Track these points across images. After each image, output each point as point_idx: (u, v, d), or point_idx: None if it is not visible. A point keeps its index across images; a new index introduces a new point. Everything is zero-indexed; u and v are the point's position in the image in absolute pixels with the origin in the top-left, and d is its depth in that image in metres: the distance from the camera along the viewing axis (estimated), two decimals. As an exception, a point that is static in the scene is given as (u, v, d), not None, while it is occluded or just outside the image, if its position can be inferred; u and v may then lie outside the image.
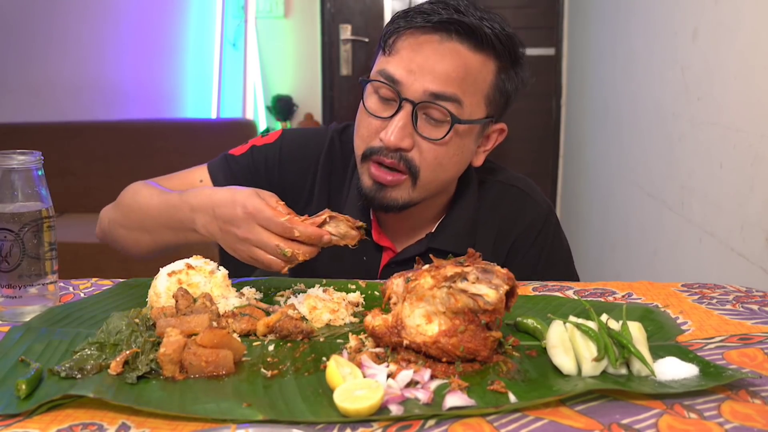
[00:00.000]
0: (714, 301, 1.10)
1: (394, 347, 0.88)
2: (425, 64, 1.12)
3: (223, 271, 1.07)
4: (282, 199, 1.26)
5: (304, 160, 1.33)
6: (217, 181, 1.31)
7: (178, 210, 1.15)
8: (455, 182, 1.28)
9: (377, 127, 1.16)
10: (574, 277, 1.34)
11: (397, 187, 1.17)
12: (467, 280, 0.84)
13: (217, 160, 1.35)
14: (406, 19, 1.15)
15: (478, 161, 1.26)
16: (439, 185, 1.22)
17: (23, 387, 0.76)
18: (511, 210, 1.31)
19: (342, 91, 4.46)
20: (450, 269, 0.85)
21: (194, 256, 1.09)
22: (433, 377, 0.82)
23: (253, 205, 1.02)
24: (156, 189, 1.25)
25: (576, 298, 1.12)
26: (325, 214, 1.04)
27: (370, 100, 1.17)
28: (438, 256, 1.19)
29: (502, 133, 1.26)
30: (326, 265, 1.29)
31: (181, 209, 1.14)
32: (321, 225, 1.03)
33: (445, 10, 1.13)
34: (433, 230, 1.29)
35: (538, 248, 1.31)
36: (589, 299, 1.11)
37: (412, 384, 0.80)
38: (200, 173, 1.33)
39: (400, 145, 1.13)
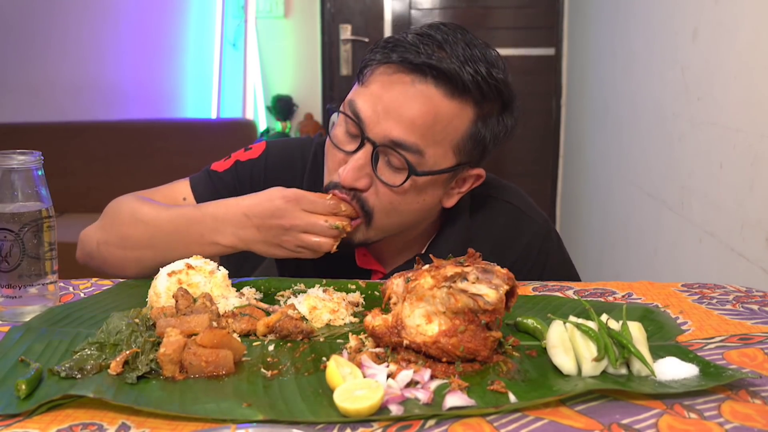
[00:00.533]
0: (714, 301, 1.10)
1: (394, 347, 0.88)
2: (391, 107, 1.06)
3: (223, 271, 1.07)
4: None
5: (289, 173, 1.28)
6: (200, 197, 1.25)
7: (197, 223, 1.12)
8: (429, 219, 1.22)
9: (339, 161, 1.12)
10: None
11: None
12: (467, 280, 0.84)
13: (200, 176, 1.30)
14: (384, 52, 1.08)
15: (450, 203, 1.18)
16: (398, 228, 1.17)
17: (23, 387, 0.76)
18: (506, 229, 1.26)
19: (342, 91, 4.46)
20: (450, 269, 0.85)
21: (194, 256, 1.09)
22: (433, 377, 0.82)
23: (293, 193, 1.05)
24: (156, 204, 1.20)
25: (576, 298, 1.12)
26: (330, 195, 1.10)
27: (337, 130, 1.13)
28: None
29: (479, 179, 1.18)
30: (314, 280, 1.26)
31: (203, 222, 1.11)
32: None
33: (426, 47, 1.05)
34: (423, 251, 1.24)
35: (539, 267, 1.27)
36: (589, 299, 1.11)
37: (412, 384, 0.80)
38: (182, 189, 1.28)
39: (354, 184, 1.09)
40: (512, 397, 0.76)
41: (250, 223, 1.08)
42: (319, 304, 1.02)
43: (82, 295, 1.14)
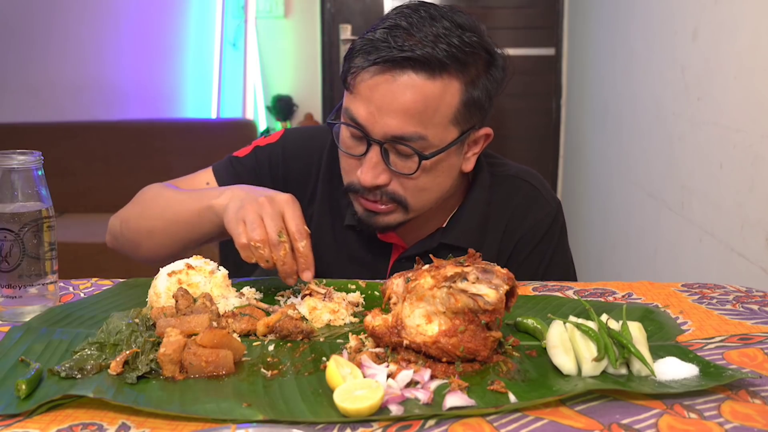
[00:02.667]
0: (714, 301, 1.10)
1: (394, 347, 0.88)
2: (382, 105, 1.10)
3: (223, 271, 1.07)
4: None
5: (307, 158, 1.33)
6: (222, 182, 1.31)
7: (205, 194, 1.18)
8: (458, 184, 1.27)
9: (354, 164, 1.17)
10: (572, 279, 1.33)
11: (390, 213, 1.18)
12: (467, 280, 0.84)
13: (222, 163, 1.36)
14: (362, 56, 1.11)
15: (468, 166, 1.23)
16: (434, 202, 1.21)
17: (23, 387, 0.76)
18: (521, 206, 1.30)
19: (342, 91, 4.46)
20: (450, 269, 0.85)
21: (194, 256, 1.09)
22: (433, 377, 0.82)
23: (294, 198, 1.07)
24: (180, 189, 1.27)
25: (576, 298, 1.12)
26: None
27: (343, 137, 1.18)
28: (449, 251, 1.21)
29: (488, 138, 1.23)
30: (332, 261, 1.30)
31: (209, 192, 1.17)
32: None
33: (396, 39, 1.08)
34: (444, 225, 1.28)
35: (544, 247, 1.30)
36: (589, 299, 1.11)
37: (412, 384, 0.80)
38: (206, 176, 1.34)
39: (375, 183, 1.14)
40: (512, 397, 0.76)
41: (244, 190, 1.11)
42: (319, 304, 1.02)
43: (82, 295, 1.14)
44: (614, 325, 0.87)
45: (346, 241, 1.31)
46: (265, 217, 1.03)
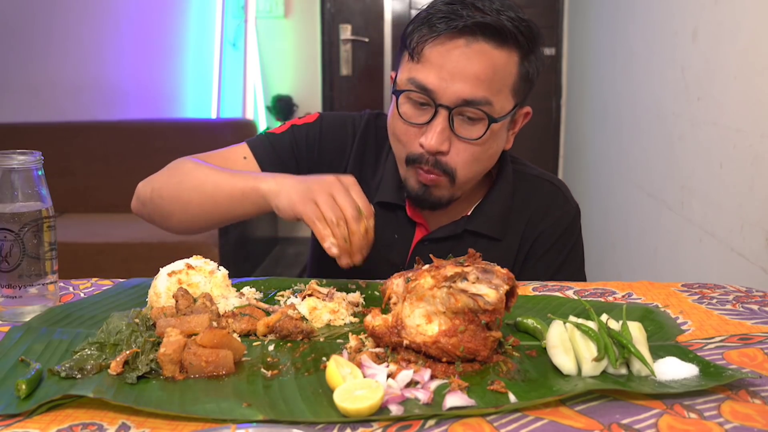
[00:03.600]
0: (714, 301, 1.10)
1: (394, 347, 0.88)
2: (455, 70, 1.14)
3: (223, 271, 1.07)
4: (319, 172, 1.31)
5: (341, 140, 1.37)
6: (260, 157, 1.33)
7: (246, 174, 1.18)
8: (492, 169, 1.32)
9: (415, 133, 1.20)
10: (582, 279, 1.36)
11: (439, 186, 1.21)
12: (467, 280, 0.84)
13: (257, 139, 1.37)
14: (430, 26, 1.16)
15: (509, 144, 1.30)
16: (477, 178, 1.26)
17: (23, 387, 0.76)
18: (543, 203, 1.34)
19: (342, 91, 4.46)
20: (450, 269, 0.85)
21: (194, 256, 1.09)
22: (433, 377, 0.82)
23: (348, 178, 1.08)
24: (217, 167, 1.26)
25: (576, 298, 1.12)
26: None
27: (404, 107, 1.20)
28: (473, 237, 1.29)
29: (527, 116, 1.30)
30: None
31: (251, 174, 1.17)
32: None
33: (464, 9, 1.15)
34: (469, 213, 1.32)
35: (561, 245, 1.33)
36: (589, 299, 1.11)
37: (412, 384, 0.80)
38: (242, 150, 1.34)
39: (440, 148, 1.17)
40: (512, 397, 0.76)
41: (295, 178, 1.11)
42: (319, 304, 1.02)
43: (82, 295, 1.14)
44: (614, 325, 0.87)
45: (380, 210, 1.32)
46: (337, 196, 1.04)
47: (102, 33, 4.33)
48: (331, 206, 1.03)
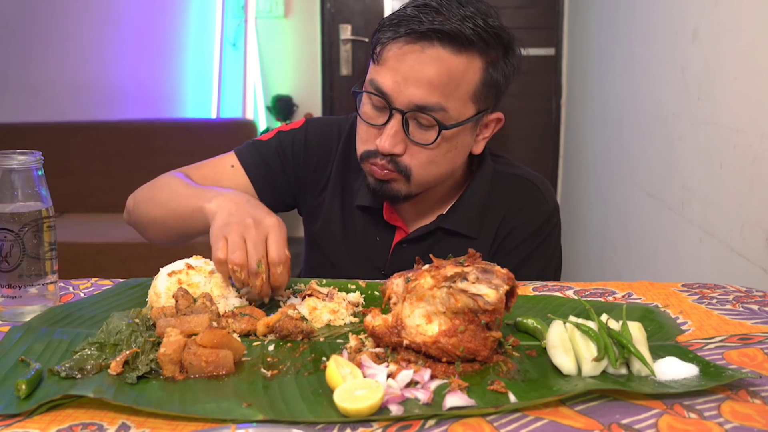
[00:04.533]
0: (714, 301, 1.10)
1: (394, 347, 0.88)
2: (409, 75, 1.15)
3: (223, 271, 1.07)
4: (303, 182, 1.39)
5: (327, 145, 1.39)
6: (247, 165, 1.36)
7: (202, 193, 1.19)
8: (460, 170, 1.32)
9: (375, 133, 1.21)
10: (548, 279, 1.34)
11: (395, 182, 1.23)
12: (467, 280, 0.84)
13: (244, 147, 1.40)
14: (392, 29, 1.17)
15: (478, 149, 1.29)
16: (436, 179, 1.26)
17: (23, 387, 0.76)
18: (519, 200, 1.34)
19: (342, 91, 4.46)
20: (450, 269, 0.85)
21: (194, 256, 1.09)
22: (433, 377, 0.82)
23: (281, 223, 1.07)
24: (192, 182, 1.29)
25: (576, 298, 1.12)
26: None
27: (365, 108, 1.23)
28: (448, 236, 1.30)
29: (500, 122, 1.29)
30: (339, 245, 1.37)
31: (207, 192, 1.19)
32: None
33: (426, 15, 1.14)
34: (444, 212, 1.33)
35: (530, 241, 1.33)
36: (589, 299, 1.11)
37: (412, 384, 0.80)
38: (230, 159, 1.38)
39: (393, 150, 1.19)
40: (512, 397, 0.76)
41: (235, 202, 1.12)
42: (319, 304, 1.02)
43: (82, 295, 1.14)
44: (614, 325, 0.87)
45: (354, 222, 1.36)
46: (249, 241, 1.03)
47: (102, 33, 4.32)
48: (239, 247, 1.02)
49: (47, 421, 0.72)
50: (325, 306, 1.02)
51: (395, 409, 0.73)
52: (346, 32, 4.45)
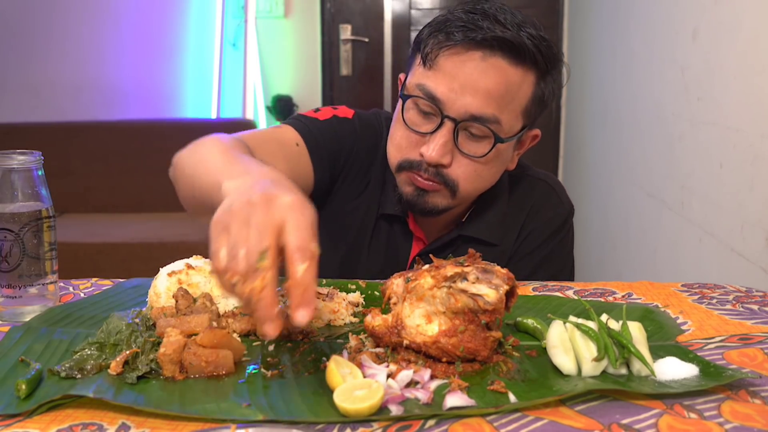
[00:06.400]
0: (714, 301, 1.10)
1: (394, 347, 0.88)
2: (467, 83, 1.10)
3: (223, 271, 1.07)
4: (347, 177, 1.29)
5: (373, 139, 1.31)
6: (311, 144, 1.23)
7: (232, 167, 0.91)
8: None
9: (416, 141, 1.16)
10: (564, 279, 1.34)
11: (437, 193, 1.18)
12: (467, 280, 0.84)
13: (299, 123, 1.25)
14: (447, 34, 1.11)
15: (513, 165, 1.27)
16: (477, 193, 1.23)
17: (23, 387, 0.76)
18: (537, 202, 1.33)
19: (342, 91, 4.46)
20: (450, 269, 0.85)
21: (194, 256, 1.09)
22: (433, 377, 0.82)
23: (305, 202, 0.75)
24: (236, 150, 1.01)
25: (576, 298, 1.12)
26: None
27: (409, 113, 1.16)
28: (469, 244, 1.26)
29: (536, 139, 1.27)
30: (363, 253, 1.31)
31: (239, 164, 0.92)
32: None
33: (485, 21, 1.10)
34: (463, 220, 1.30)
35: (549, 244, 1.32)
36: (589, 299, 1.11)
37: (412, 384, 0.80)
38: (292, 135, 1.22)
39: (440, 161, 1.14)
40: (512, 397, 0.76)
41: (266, 175, 0.84)
42: (319, 304, 1.02)
43: (82, 295, 1.14)
44: (614, 325, 0.87)
45: (380, 229, 1.31)
46: (252, 226, 0.71)
47: (102, 33, 4.32)
48: (238, 244, 0.71)
49: (47, 421, 0.72)
50: (325, 306, 1.02)
51: (395, 409, 0.73)
52: (346, 32, 4.44)
